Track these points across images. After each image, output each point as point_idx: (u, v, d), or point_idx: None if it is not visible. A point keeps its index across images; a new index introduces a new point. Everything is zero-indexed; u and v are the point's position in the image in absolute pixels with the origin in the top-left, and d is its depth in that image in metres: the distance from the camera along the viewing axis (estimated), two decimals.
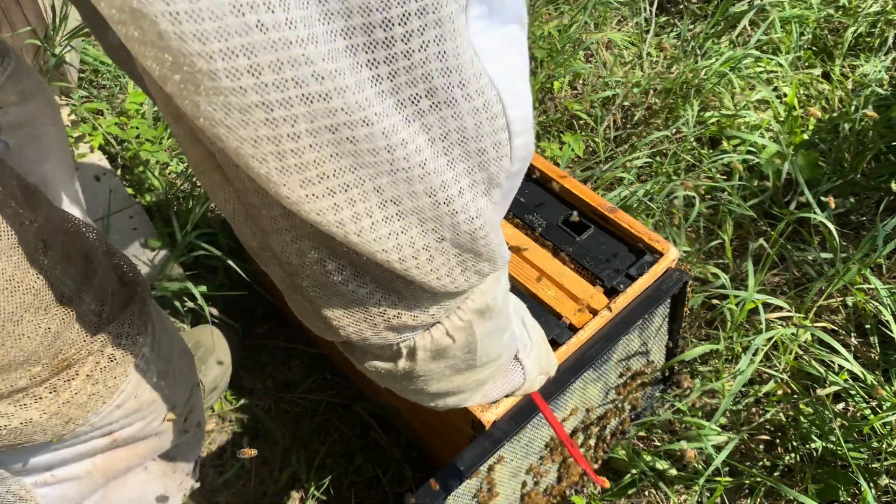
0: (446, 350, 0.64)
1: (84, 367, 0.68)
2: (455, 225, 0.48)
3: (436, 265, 0.51)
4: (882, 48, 1.91)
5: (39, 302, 0.63)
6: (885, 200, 1.56)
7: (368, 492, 1.30)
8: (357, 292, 0.53)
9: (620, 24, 2.14)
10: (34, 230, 0.63)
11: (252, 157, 0.39)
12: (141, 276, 0.78)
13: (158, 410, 0.80)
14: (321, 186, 0.42)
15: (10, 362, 0.63)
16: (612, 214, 1.14)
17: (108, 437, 0.76)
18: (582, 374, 1.01)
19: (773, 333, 1.28)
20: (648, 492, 1.25)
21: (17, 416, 0.65)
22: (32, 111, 1.04)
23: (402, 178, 0.44)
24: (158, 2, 0.34)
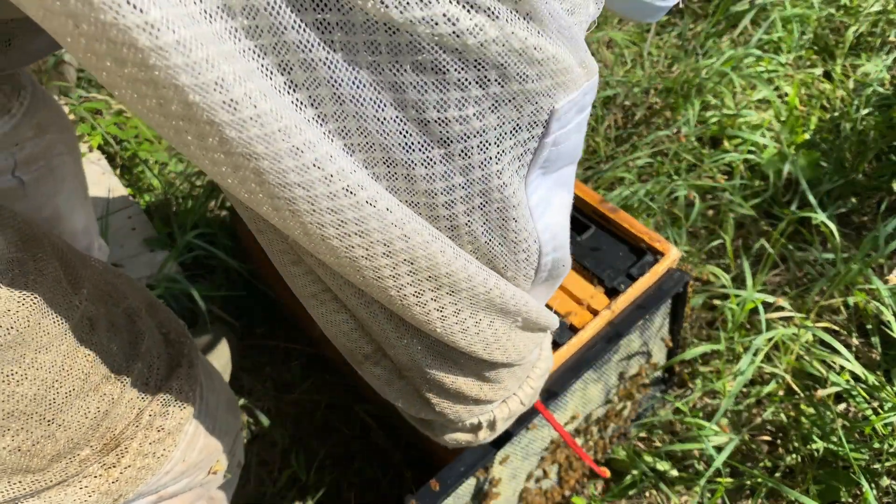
0: (516, 414, 0.76)
1: (133, 443, 0.66)
2: (517, 310, 0.58)
3: (512, 344, 0.61)
4: (883, 48, 1.90)
5: (89, 385, 0.61)
6: (886, 200, 1.56)
7: (368, 493, 1.30)
8: (455, 384, 0.63)
9: (621, 23, 2.13)
10: (80, 312, 0.60)
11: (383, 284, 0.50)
12: (186, 334, 0.75)
13: (205, 467, 0.79)
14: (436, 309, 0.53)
15: (59, 452, 0.61)
16: (613, 214, 1.14)
17: (154, 496, 0.74)
18: (582, 374, 1.00)
19: (774, 333, 1.27)
20: (649, 492, 1.24)
21: (67, 498, 0.63)
22: (49, 143, 1.01)
23: (477, 292, 0.54)
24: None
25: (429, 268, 0.49)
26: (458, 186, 0.46)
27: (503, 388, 0.67)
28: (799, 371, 1.30)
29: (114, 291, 0.67)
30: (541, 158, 0.49)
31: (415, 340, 0.58)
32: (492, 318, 0.56)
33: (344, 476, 1.32)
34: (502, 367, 0.64)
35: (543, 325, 0.63)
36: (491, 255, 0.53)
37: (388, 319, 0.56)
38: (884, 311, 1.30)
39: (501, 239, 0.52)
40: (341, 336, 0.60)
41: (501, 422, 0.73)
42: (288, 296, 1.44)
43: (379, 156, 0.44)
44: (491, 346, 0.59)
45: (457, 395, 0.64)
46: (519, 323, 0.60)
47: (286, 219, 0.43)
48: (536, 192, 0.52)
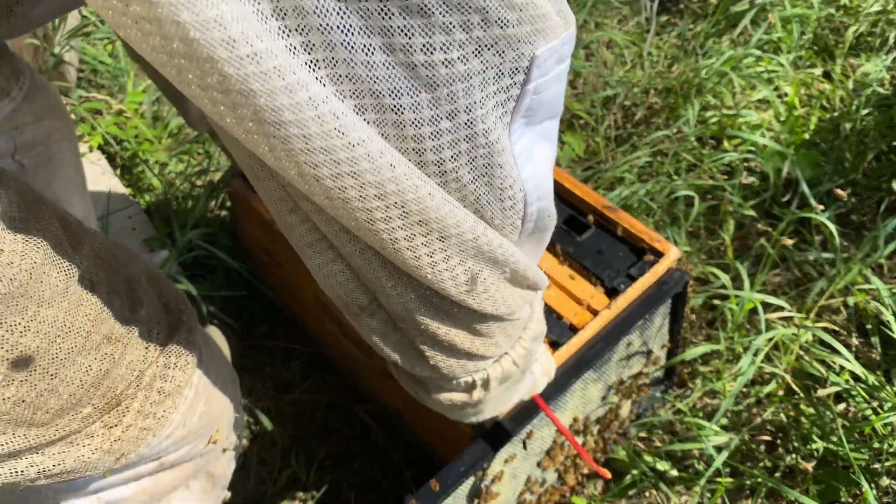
0: (510, 375, 0.75)
1: (135, 403, 0.68)
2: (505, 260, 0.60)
3: (502, 294, 0.62)
4: (883, 48, 1.91)
5: (91, 343, 0.63)
6: (886, 200, 1.56)
7: (368, 493, 1.30)
8: (448, 335, 0.64)
9: (621, 23, 2.13)
10: (81, 271, 0.62)
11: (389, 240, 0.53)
12: (186, 302, 0.77)
13: (205, 435, 0.80)
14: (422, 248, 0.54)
15: (62, 407, 0.62)
16: (613, 214, 1.14)
17: (155, 462, 0.75)
18: (582, 374, 1.00)
19: (774, 333, 1.27)
20: (649, 492, 1.24)
21: (70, 454, 0.65)
22: (46, 129, 1.03)
23: (466, 239, 0.55)
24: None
25: (419, 211, 0.51)
26: (446, 131, 0.49)
27: (495, 345, 0.68)
28: (799, 371, 1.30)
29: (113, 260, 0.70)
30: (523, 106, 0.51)
31: (408, 289, 0.59)
32: (481, 267, 0.58)
33: (344, 476, 1.32)
34: (493, 321, 0.65)
35: (532, 280, 0.64)
36: (478, 204, 0.55)
37: (383, 267, 0.57)
38: (883, 310, 1.30)
39: (488, 186, 0.54)
40: (338, 287, 0.61)
41: (495, 381, 0.73)
42: (288, 296, 1.44)
43: (369, 102, 0.46)
44: (480, 295, 0.60)
45: (450, 348, 0.65)
46: (507, 275, 0.61)
47: (281, 159, 0.45)
48: (520, 142, 0.54)
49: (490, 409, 0.81)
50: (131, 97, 1.83)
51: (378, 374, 1.23)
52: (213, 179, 1.65)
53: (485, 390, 0.74)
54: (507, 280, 0.62)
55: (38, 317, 0.58)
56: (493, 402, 0.79)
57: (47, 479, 0.65)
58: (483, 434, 0.96)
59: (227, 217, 1.61)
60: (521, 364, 0.74)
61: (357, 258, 0.57)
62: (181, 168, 1.74)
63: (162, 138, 1.78)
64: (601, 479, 1.27)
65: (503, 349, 0.71)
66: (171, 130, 1.80)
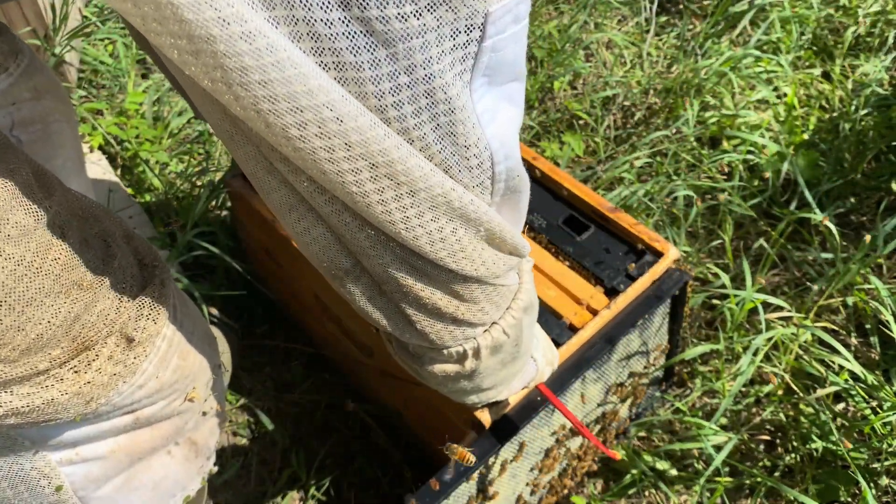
0: (502, 345, 0.75)
1: (104, 349, 0.69)
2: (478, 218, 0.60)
3: (477, 253, 0.63)
4: (882, 48, 1.91)
5: (59, 286, 0.64)
6: (885, 200, 1.56)
7: (368, 492, 1.30)
8: (431, 298, 0.65)
9: (620, 23, 2.14)
10: (51, 215, 0.64)
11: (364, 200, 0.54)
12: (160, 259, 0.78)
13: (180, 390, 0.80)
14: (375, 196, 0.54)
15: (29, 346, 0.63)
16: (613, 214, 1.14)
17: (131, 416, 0.76)
18: (582, 374, 1.01)
19: (773, 333, 1.27)
20: (648, 492, 1.25)
21: (38, 395, 0.66)
22: (45, 108, 1.05)
23: (435, 193, 0.56)
24: None
25: (385, 164, 0.52)
26: (404, 86, 0.50)
27: (481, 311, 0.69)
28: (798, 371, 1.31)
29: (89, 215, 0.72)
30: (482, 64, 0.52)
31: (386, 250, 0.60)
32: (454, 226, 0.59)
33: (344, 476, 1.32)
34: (475, 284, 0.66)
35: (511, 243, 0.65)
36: (446, 164, 0.56)
37: (360, 228, 0.58)
38: (882, 310, 1.30)
39: (452, 144, 0.55)
40: (320, 252, 0.62)
41: (486, 350, 0.74)
42: (288, 296, 1.44)
43: (330, 60, 0.47)
44: (457, 254, 0.61)
45: (435, 312, 0.66)
46: (482, 234, 0.62)
47: (247, 108, 0.47)
48: (482, 101, 0.55)
49: (489, 384, 0.81)
50: (132, 97, 1.84)
51: (378, 374, 1.23)
52: (213, 179, 1.65)
53: (476, 360, 0.74)
54: (484, 240, 0.63)
55: (3, 253, 0.60)
56: (489, 376, 0.79)
57: (16, 418, 0.66)
58: (483, 434, 0.96)
59: (227, 217, 1.61)
60: (511, 334, 0.74)
61: (334, 219, 0.58)
62: (181, 168, 1.74)
63: (162, 138, 1.78)
64: (601, 478, 1.28)
65: (491, 317, 0.71)
66: (171, 130, 1.81)
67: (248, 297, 1.52)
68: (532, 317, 0.79)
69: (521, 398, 0.97)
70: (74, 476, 0.77)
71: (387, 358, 1.11)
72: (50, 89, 1.05)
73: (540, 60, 1.96)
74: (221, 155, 1.75)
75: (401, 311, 0.66)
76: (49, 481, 0.75)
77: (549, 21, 2.07)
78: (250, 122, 0.49)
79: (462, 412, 0.99)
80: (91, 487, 0.78)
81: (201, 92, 0.51)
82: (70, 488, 0.77)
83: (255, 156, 0.55)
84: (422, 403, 1.14)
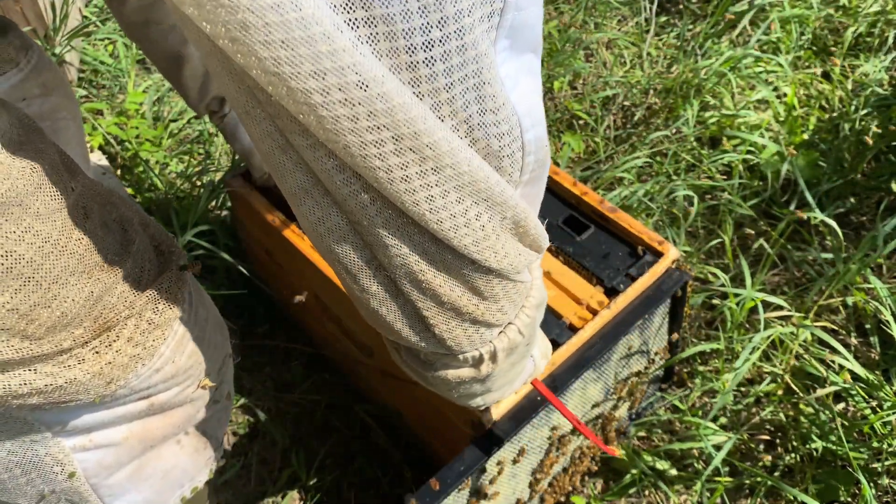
0: (517, 346, 0.73)
1: (125, 330, 0.70)
2: (504, 202, 0.58)
3: (501, 243, 0.61)
4: (882, 48, 1.91)
5: (83, 266, 0.65)
6: (885, 200, 1.56)
7: (368, 492, 1.30)
8: (450, 295, 0.63)
9: (620, 23, 2.14)
10: (75, 196, 0.65)
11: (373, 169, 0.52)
12: (177, 246, 0.79)
13: (194, 377, 0.81)
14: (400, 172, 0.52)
15: (55, 323, 0.65)
16: (612, 214, 1.14)
17: (145, 402, 0.77)
18: (582, 374, 1.01)
19: (772, 332, 1.28)
20: (648, 492, 1.25)
21: (61, 375, 0.67)
22: (54, 105, 1.05)
23: (461, 171, 0.54)
24: None
25: (411, 136, 0.50)
26: (436, 42, 0.49)
27: (500, 310, 0.67)
28: (798, 370, 1.31)
29: (106, 200, 0.73)
30: (507, 22, 0.52)
31: (406, 239, 0.58)
32: (480, 210, 0.57)
33: (344, 476, 1.32)
34: (495, 279, 0.64)
35: (532, 233, 0.63)
36: (474, 134, 0.54)
37: (379, 213, 0.56)
38: (883, 310, 1.30)
39: (481, 110, 0.53)
40: (335, 245, 0.60)
41: (503, 353, 0.72)
42: (288, 296, 1.44)
43: (361, 15, 0.46)
44: (480, 242, 0.59)
45: (454, 311, 0.64)
46: (507, 221, 0.60)
47: (268, 71, 0.46)
48: (504, 66, 0.54)
49: (497, 387, 0.80)
50: (132, 97, 1.84)
51: (378, 374, 1.24)
52: (213, 179, 1.65)
53: (493, 363, 0.73)
54: (509, 230, 0.61)
55: (31, 229, 0.61)
56: (500, 378, 0.78)
57: (38, 398, 0.67)
58: (483, 434, 0.96)
59: (227, 217, 1.61)
60: (526, 333, 0.73)
61: (352, 202, 0.55)
62: (181, 168, 1.74)
63: (162, 138, 1.78)
64: (601, 478, 1.28)
65: (508, 316, 0.69)
66: (171, 131, 1.81)
67: (248, 297, 1.52)
68: (542, 314, 0.77)
69: (520, 398, 0.97)
70: (87, 463, 0.77)
71: (387, 358, 1.11)
72: (58, 86, 1.05)
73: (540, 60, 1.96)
74: (221, 155, 1.76)
75: (418, 312, 0.64)
76: (63, 468, 0.76)
77: (549, 21, 2.07)
78: (271, 88, 0.47)
79: (462, 412, 0.99)
80: (103, 475, 0.79)
81: (218, 60, 0.49)
82: (83, 475, 0.78)
83: (271, 133, 0.53)
84: (422, 403, 1.14)
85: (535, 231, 0.63)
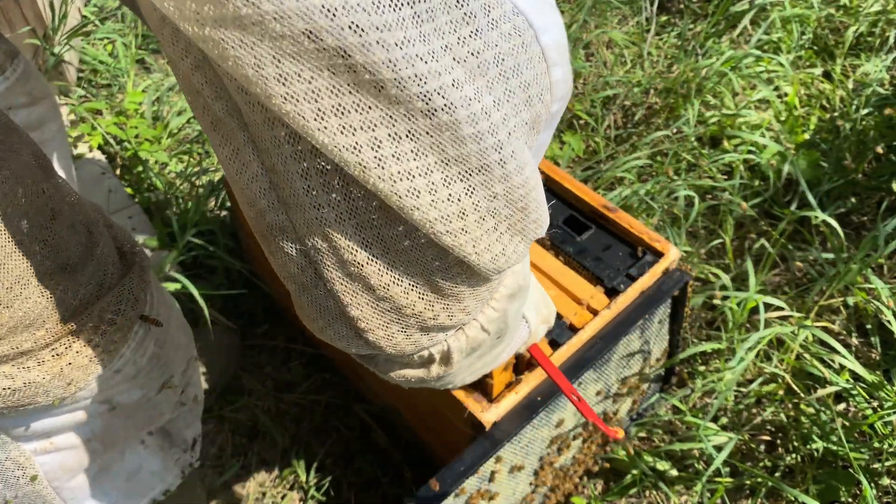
0: (480, 344, 0.58)
1: (85, 332, 0.70)
2: (506, 176, 0.40)
3: (485, 230, 0.42)
4: (883, 48, 1.91)
5: (45, 268, 0.65)
6: (886, 201, 1.56)
7: (368, 492, 1.30)
8: (390, 288, 0.44)
9: (621, 23, 2.13)
10: (45, 198, 0.65)
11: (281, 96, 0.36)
12: (139, 248, 0.79)
13: (156, 379, 0.81)
14: (337, 120, 0.35)
15: (16, 324, 0.64)
16: (613, 214, 1.14)
17: (106, 404, 0.77)
18: (582, 374, 1.00)
19: (771, 331, 1.27)
20: (649, 492, 1.24)
21: (20, 377, 0.67)
22: (40, 115, 1.05)
23: (444, 121, 0.36)
24: None
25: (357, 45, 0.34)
26: None
27: (462, 310, 0.49)
28: (799, 371, 1.30)
29: (76, 201, 0.72)
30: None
31: (325, 197, 0.39)
32: (450, 173, 0.38)
33: (344, 476, 1.32)
34: (465, 275, 0.45)
35: (534, 214, 0.45)
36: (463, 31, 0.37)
37: (296, 156, 0.38)
38: (883, 310, 1.30)
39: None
40: (254, 198, 0.43)
41: (459, 353, 0.55)
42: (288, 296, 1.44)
43: None
44: (452, 222, 0.40)
45: (396, 311, 0.46)
46: (498, 195, 0.41)
47: None
48: None
49: (462, 379, 0.67)
50: (131, 97, 1.83)
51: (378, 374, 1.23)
52: (212, 179, 1.65)
53: (445, 366, 0.57)
54: (503, 211, 0.42)
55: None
56: (462, 373, 0.64)
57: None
58: (483, 434, 0.96)
59: (227, 217, 1.61)
60: (492, 329, 0.57)
61: (266, 133, 0.38)
62: (181, 168, 1.74)
63: (162, 138, 1.78)
64: (601, 479, 1.28)
65: (470, 316, 0.52)
66: (171, 130, 1.80)
67: (248, 297, 1.52)
68: (521, 301, 0.61)
69: (521, 398, 0.96)
70: (49, 466, 0.77)
71: None
72: (44, 97, 1.05)
73: None
74: None
75: (341, 308, 0.46)
76: (24, 471, 0.75)
77: None
78: None
79: (462, 413, 0.98)
80: (65, 477, 0.79)
81: None
82: (45, 478, 0.77)
83: (200, 65, 0.39)
84: (422, 403, 1.14)
85: (538, 212, 0.45)
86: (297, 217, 0.41)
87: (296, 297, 0.49)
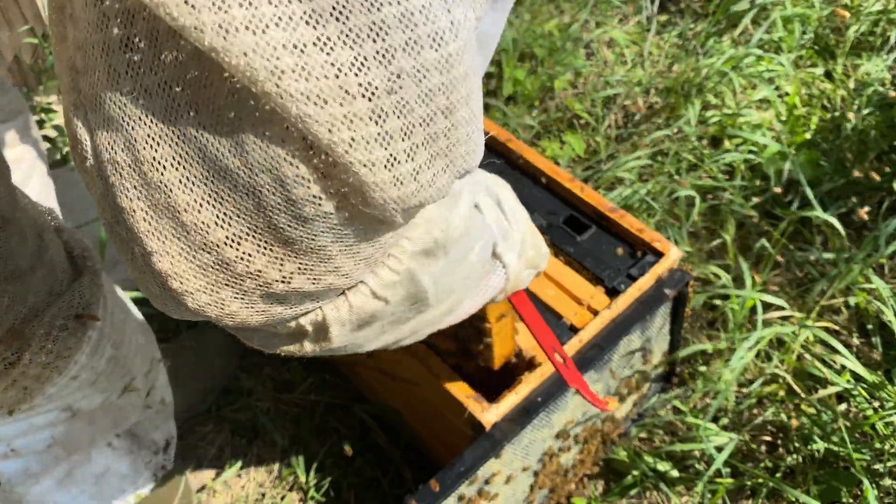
0: (376, 314, 0.44)
1: (36, 340, 0.68)
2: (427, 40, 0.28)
3: (386, 129, 0.29)
4: (884, 47, 1.90)
5: None
6: (887, 200, 1.56)
7: (368, 493, 1.30)
8: (211, 232, 0.30)
9: (621, 22, 2.13)
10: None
11: None
12: (91, 252, 0.78)
13: (117, 382, 0.79)
14: None
15: None
16: (613, 214, 1.14)
17: (67, 411, 0.75)
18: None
19: (772, 330, 1.27)
20: (649, 493, 1.24)
21: None
22: (15, 129, 1.03)
23: None
24: None
25: None
26: None
27: (332, 272, 0.36)
28: (800, 371, 1.30)
29: (28, 206, 0.71)
30: None
31: (121, 57, 0.28)
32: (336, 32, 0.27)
33: (344, 476, 1.32)
34: (333, 220, 0.32)
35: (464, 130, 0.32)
36: None
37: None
38: (885, 310, 1.30)
39: None
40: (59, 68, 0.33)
41: (339, 327, 0.42)
42: None
43: None
44: (330, 101, 0.28)
45: (219, 264, 0.32)
46: (407, 79, 0.28)
47: None
48: None
49: (373, 346, 0.51)
50: None
51: (378, 374, 1.23)
52: None
53: (322, 341, 0.44)
54: (416, 114, 0.29)
55: None
56: (369, 344, 0.50)
57: None
58: (483, 435, 0.96)
59: None
60: (393, 297, 0.43)
61: None
62: None
63: None
64: (602, 479, 1.27)
65: (349, 280, 0.38)
66: None
67: None
68: (453, 254, 0.46)
69: (521, 399, 0.96)
70: (12, 471, 0.76)
71: (386, 358, 1.11)
72: (19, 112, 1.03)
73: (540, 59, 1.96)
74: None
75: (146, 257, 0.33)
76: None
77: (549, 20, 2.07)
78: None
79: (462, 413, 0.98)
80: (30, 482, 0.78)
81: None
82: (8, 484, 0.76)
83: None
84: (422, 403, 1.14)
85: (469, 127, 0.32)
86: (85, 83, 0.28)
87: (108, 226, 0.34)
